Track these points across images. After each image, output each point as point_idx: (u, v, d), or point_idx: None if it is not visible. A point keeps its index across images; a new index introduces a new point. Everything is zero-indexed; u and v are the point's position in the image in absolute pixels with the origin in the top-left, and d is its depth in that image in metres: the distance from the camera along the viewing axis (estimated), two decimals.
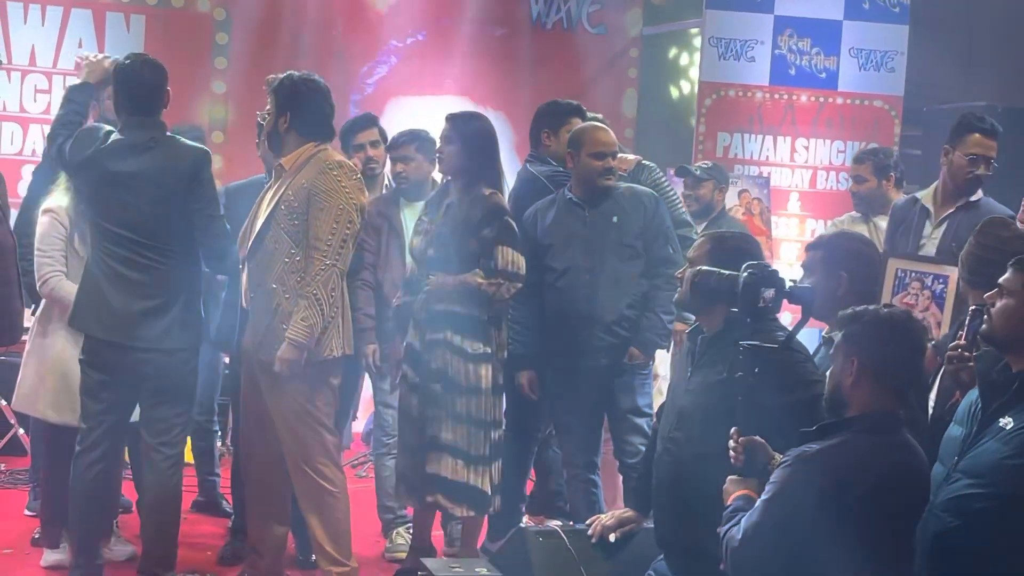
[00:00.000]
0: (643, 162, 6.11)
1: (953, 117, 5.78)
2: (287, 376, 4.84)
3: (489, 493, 5.25)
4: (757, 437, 3.42)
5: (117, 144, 4.88)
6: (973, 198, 5.41)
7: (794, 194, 8.94)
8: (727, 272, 3.66)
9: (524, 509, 6.02)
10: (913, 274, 4.79)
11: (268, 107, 5.03)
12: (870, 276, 4.27)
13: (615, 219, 5.42)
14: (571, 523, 4.95)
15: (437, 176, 5.75)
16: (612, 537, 4.19)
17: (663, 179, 6.16)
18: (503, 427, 5.37)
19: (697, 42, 9.45)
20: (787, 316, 5.28)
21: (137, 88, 4.93)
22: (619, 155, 5.64)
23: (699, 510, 3.65)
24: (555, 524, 4.69)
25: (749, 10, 8.83)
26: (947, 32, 9.21)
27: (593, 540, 4.24)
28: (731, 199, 8.36)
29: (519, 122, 8.90)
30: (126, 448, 5.41)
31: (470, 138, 5.25)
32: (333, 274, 4.78)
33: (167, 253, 4.86)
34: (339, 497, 5.00)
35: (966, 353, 3.74)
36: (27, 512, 6.17)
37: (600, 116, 6.10)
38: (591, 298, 5.37)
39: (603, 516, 4.32)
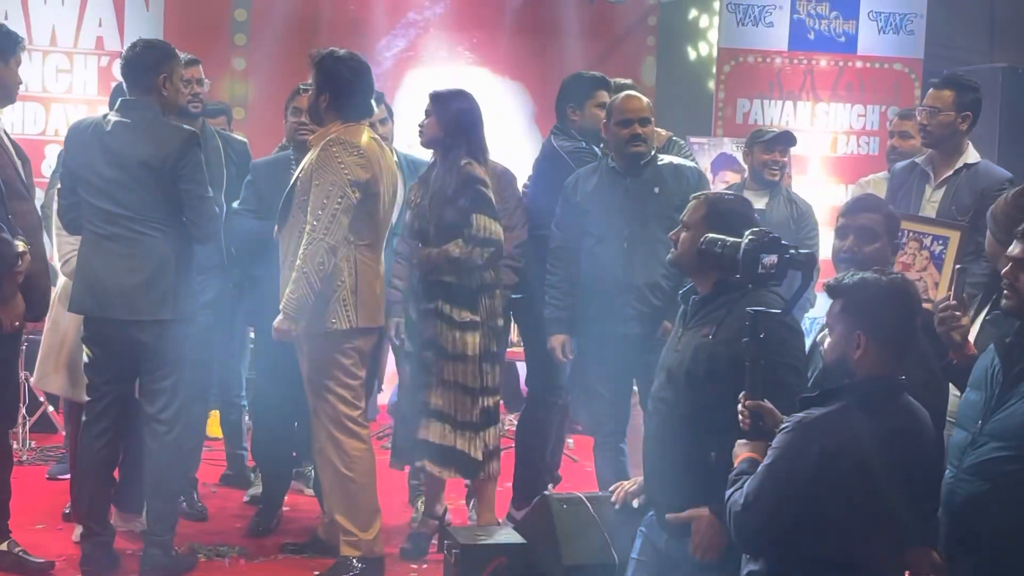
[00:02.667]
0: (673, 138, 6.10)
1: (974, 79, 5.72)
2: (303, 345, 4.97)
3: (480, 459, 5.30)
4: (765, 401, 3.44)
5: (112, 124, 4.95)
6: (971, 160, 5.34)
7: (815, 159, 8.93)
8: (731, 239, 3.67)
9: (551, 478, 6.05)
10: (911, 234, 4.75)
11: (310, 80, 5.11)
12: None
13: (656, 190, 5.41)
14: None
15: None
16: (636, 503, 4.22)
17: (691, 156, 6.14)
18: (498, 394, 5.42)
19: (715, 8, 9.42)
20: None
21: (125, 69, 5.03)
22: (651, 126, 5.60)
23: (685, 469, 3.68)
24: None
25: None
26: None
27: (617, 506, 4.27)
28: None
29: (538, 93, 8.94)
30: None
31: (448, 111, 5.30)
32: (321, 248, 4.82)
33: (156, 227, 4.90)
34: (353, 469, 5.04)
35: (957, 312, 3.75)
36: (48, 477, 6.33)
37: (628, 81, 6.08)
38: (626, 266, 5.37)
39: (626, 482, 4.35)
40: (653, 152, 5.50)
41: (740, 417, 3.43)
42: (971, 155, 5.34)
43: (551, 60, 9.19)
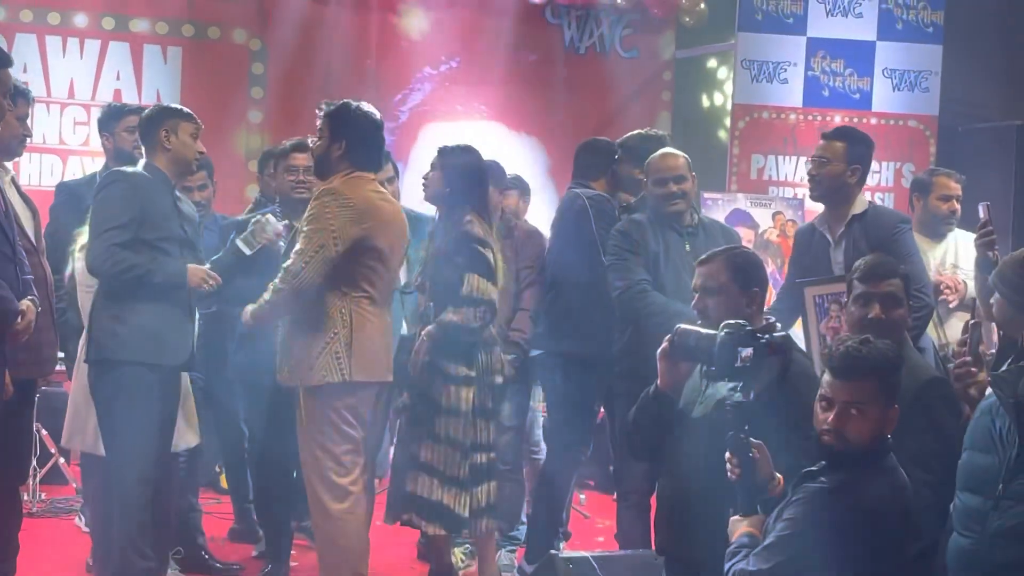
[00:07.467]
0: None
1: (990, 136, 5.63)
2: (299, 398, 4.93)
3: (465, 516, 5.20)
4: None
5: None
6: (859, 211, 5.20)
7: None
8: (705, 331, 3.61)
9: (562, 534, 6.00)
10: (830, 297, 4.77)
11: (318, 132, 5.05)
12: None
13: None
14: None
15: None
16: None
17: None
18: (493, 451, 5.36)
19: (730, 65, 9.46)
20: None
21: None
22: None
23: (700, 522, 3.66)
24: None
25: (781, 32, 8.85)
26: (984, 50, 9.17)
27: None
28: (766, 221, 8.36)
29: (553, 147, 8.96)
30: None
31: (452, 166, 5.30)
32: (286, 289, 4.82)
33: None
34: (334, 528, 4.92)
35: (972, 368, 3.70)
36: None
37: (662, 133, 6.06)
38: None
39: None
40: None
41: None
42: (858, 206, 5.21)
43: (567, 115, 9.23)
